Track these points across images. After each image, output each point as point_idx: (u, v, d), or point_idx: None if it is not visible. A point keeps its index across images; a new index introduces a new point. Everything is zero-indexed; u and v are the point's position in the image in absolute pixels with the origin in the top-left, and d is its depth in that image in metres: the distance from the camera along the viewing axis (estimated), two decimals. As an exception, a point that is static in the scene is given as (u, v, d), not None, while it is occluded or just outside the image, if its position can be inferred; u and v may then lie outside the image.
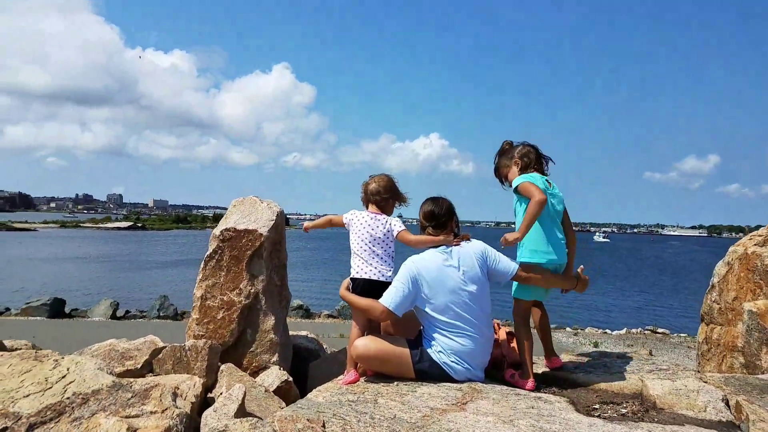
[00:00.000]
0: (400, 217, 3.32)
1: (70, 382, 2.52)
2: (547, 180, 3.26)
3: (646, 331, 16.00)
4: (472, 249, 3.08)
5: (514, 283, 3.22)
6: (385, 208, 3.22)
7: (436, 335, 2.98)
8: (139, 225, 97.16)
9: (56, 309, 12.96)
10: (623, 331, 15.95)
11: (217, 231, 3.67)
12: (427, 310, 2.97)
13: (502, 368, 3.33)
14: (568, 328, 16.38)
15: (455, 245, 3.07)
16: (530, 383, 3.07)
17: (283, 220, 3.94)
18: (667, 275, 45.27)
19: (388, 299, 2.91)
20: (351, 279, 3.14)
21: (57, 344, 8.43)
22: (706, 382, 3.15)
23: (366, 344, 2.96)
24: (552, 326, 17.23)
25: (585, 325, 17.27)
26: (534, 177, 3.20)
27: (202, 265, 3.65)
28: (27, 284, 23.49)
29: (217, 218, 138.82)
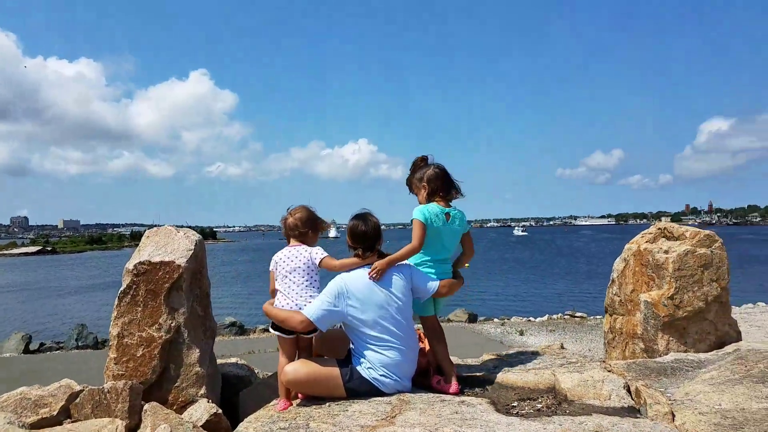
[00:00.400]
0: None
1: (-23, 444, 2.37)
2: (446, 213, 3.40)
3: (565, 317, 16.92)
4: (396, 265, 3.20)
5: (417, 304, 3.35)
6: (305, 240, 3.25)
7: (365, 351, 3.06)
8: (49, 249, 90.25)
9: (-40, 347, 11.88)
10: (545, 318, 16.80)
11: (129, 265, 3.55)
12: (355, 325, 3.05)
13: (428, 375, 3.47)
14: (495, 319, 17.03)
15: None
16: (454, 387, 3.23)
17: (202, 249, 3.86)
18: (582, 262, 48.09)
19: (310, 310, 2.97)
20: None
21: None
22: (610, 371, 3.45)
23: (296, 369, 2.99)
24: (481, 318, 17.79)
25: (511, 315, 18.02)
26: (430, 211, 3.34)
27: (116, 302, 3.51)
28: None
29: (134, 236, 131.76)
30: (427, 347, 3.61)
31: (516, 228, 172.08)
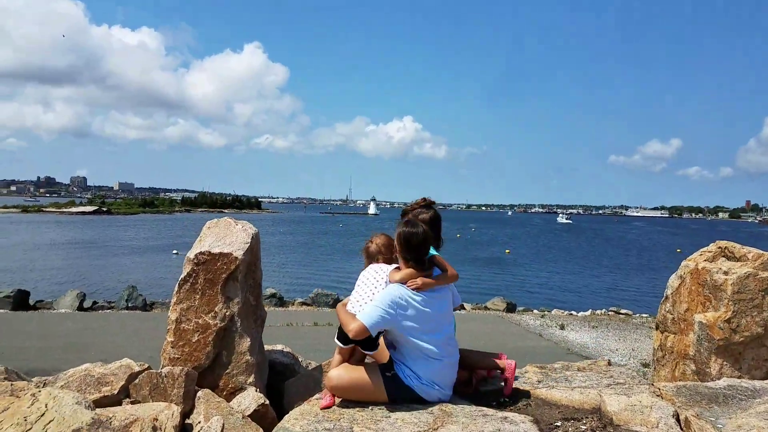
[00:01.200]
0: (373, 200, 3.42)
1: (50, 421, 2.55)
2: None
3: (609, 312, 16.50)
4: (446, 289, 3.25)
5: None
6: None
7: (410, 360, 3.10)
8: (105, 209, 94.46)
9: (20, 301, 12.62)
10: (588, 313, 16.38)
11: (191, 254, 3.70)
12: (405, 335, 3.06)
13: (470, 384, 3.50)
14: (535, 311, 16.76)
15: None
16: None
17: (258, 242, 3.98)
18: (632, 255, 46.72)
19: (366, 317, 2.96)
20: None
21: (23, 339, 8.35)
22: (659, 396, 3.38)
23: (339, 375, 3.06)
24: (520, 308, 17.56)
25: (552, 307, 17.74)
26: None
27: (176, 288, 3.68)
28: (-12, 274, 22.83)
29: (185, 202, 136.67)
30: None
31: (561, 215, 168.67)
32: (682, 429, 2.99)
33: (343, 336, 3.11)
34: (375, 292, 3.14)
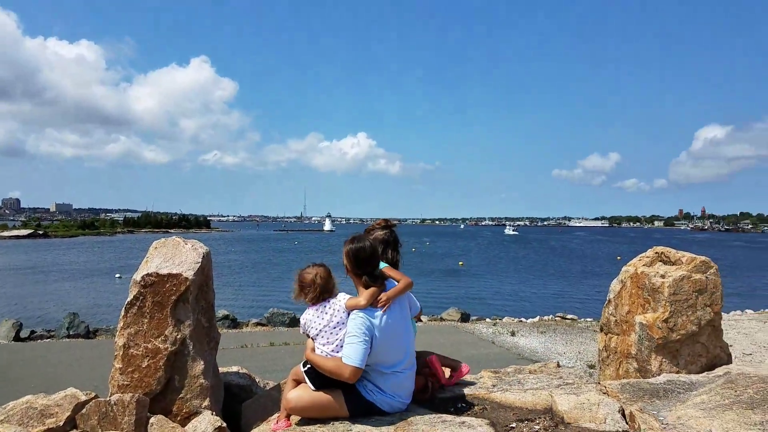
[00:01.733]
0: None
1: (-10, 458, 2.42)
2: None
3: (556, 318, 17.01)
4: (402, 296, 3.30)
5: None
6: (328, 295, 3.24)
7: (371, 375, 3.12)
8: (41, 232, 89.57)
9: (-51, 334, 11.81)
10: (536, 319, 16.86)
11: (137, 276, 3.59)
12: (372, 354, 3.03)
13: (426, 391, 3.55)
14: (487, 319, 17.11)
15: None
16: (465, 367, 3.62)
17: (209, 261, 3.91)
18: (576, 263, 48.46)
19: (355, 357, 2.91)
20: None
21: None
22: (606, 394, 3.54)
23: (299, 395, 3.03)
24: (473, 318, 17.86)
25: (503, 315, 18.13)
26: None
27: (122, 312, 3.56)
28: None
29: (128, 222, 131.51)
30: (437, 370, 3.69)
31: (508, 227, 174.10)
32: (627, 423, 3.15)
33: (318, 380, 3.05)
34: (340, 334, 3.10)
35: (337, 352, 3.02)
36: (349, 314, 3.09)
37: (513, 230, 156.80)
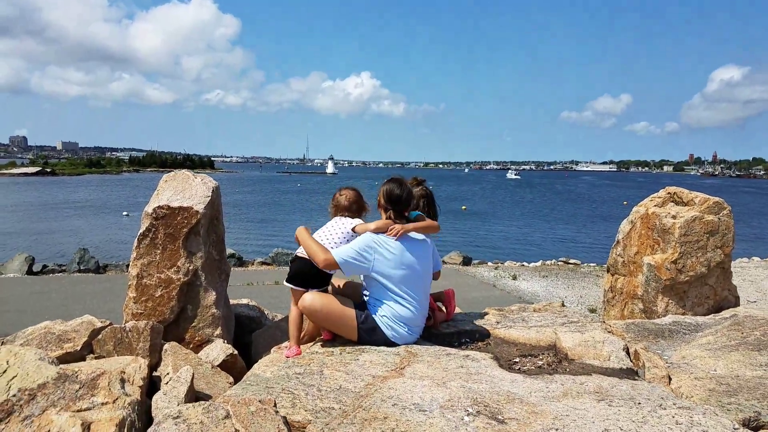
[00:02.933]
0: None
1: (13, 377, 2.50)
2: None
3: (559, 263, 17.12)
4: (427, 240, 3.40)
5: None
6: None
7: (384, 302, 3.20)
8: (49, 170, 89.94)
9: (-35, 266, 12.08)
10: (539, 264, 16.94)
11: (149, 209, 3.60)
12: (381, 280, 3.17)
13: (430, 319, 3.67)
14: (489, 263, 17.22)
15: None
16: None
17: (218, 196, 3.90)
18: (582, 208, 48.44)
19: (339, 253, 3.07)
20: (290, 260, 3.29)
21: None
22: (610, 332, 3.59)
23: (313, 298, 3.12)
24: (475, 261, 18.00)
25: (505, 259, 18.27)
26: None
27: (135, 243, 3.59)
28: (-75, 241, 21.61)
29: (133, 161, 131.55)
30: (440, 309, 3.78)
31: (510, 171, 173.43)
32: (632, 361, 3.20)
33: (298, 279, 3.19)
34: (337, 240, 3.21)
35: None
36: (345, 234, 3.27)
37: (515, 174, 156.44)
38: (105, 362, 2.92)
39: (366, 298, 3.33)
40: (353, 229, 3.28)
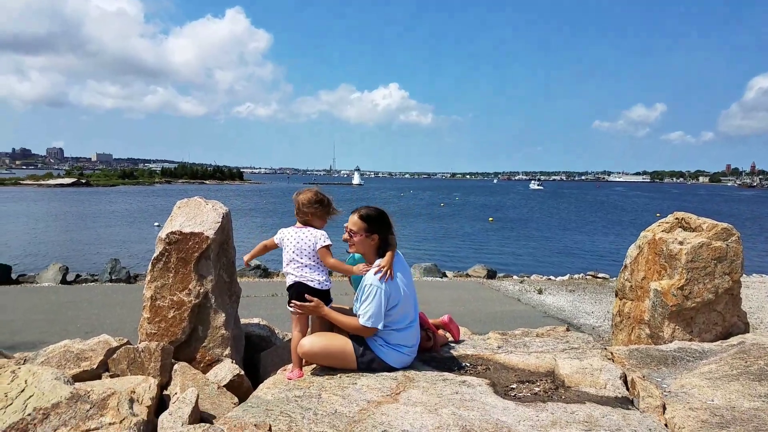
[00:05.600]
0: None
1: (30, 396, 2.68)
2: None
3: (587, 277, 16.81)
4: (402, 258, 3.46)
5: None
6: (311, 222, 3.44)
7: (383, 332, 3.29)
8: (83, 181, 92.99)
9: (2, 275, 12.59)
10: (566, 277, 16.64)
11: (162, 234, 3.79)
12: (387, 317, 3.25)
13: (430, 340, 3.74)
14: (515, 276, 17.01)
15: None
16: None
17: (229, 221, 4.08)
18: (612, 221, 47.56)
19: (368, 318, 3.19)
20: (287, 289, 3.39)
21: (7, 313, 8.42)
22: (611, 359, 3.61)
23: (312, 342, 3.24)
24: (500, 275, 17.78)
25: (531, 273, 18.06)
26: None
27: (149, 267, 3.79)
28: (-35, 250, 22.57)
29: (165, 173, 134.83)
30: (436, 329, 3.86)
31: (532, 182, 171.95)
32: (628, 389, 3.22)
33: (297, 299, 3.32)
34: (306, 255, 3.32)
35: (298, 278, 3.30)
36: (313, 248, 3.34)
37: (538, 185, 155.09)
38: (117, 381, 3.10)
39: None
40: (317, 249, 3.32)
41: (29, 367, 2.94)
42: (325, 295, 3.35)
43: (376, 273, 3.21)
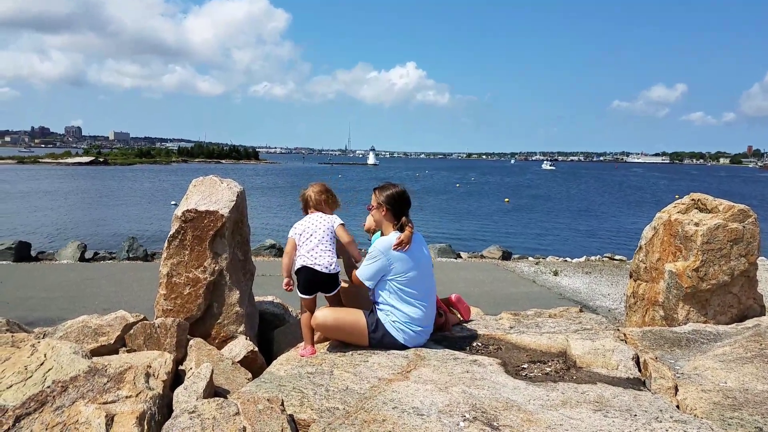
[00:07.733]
0: None
1: (49, 370, 2.75)
2: None
3: (603, 259, 16.66)
4: (421, 235, 3.48)
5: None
6: (323, 209, 3.55)
7: (395, 307, 3.31)
8: (101, 160, 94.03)
9: (22, 253, 12.83)
10: (582, 259, 16.49)
11: (178, 212, 3.84)
12: (393, 283, 3.30)
13: (442, 316, 3.76)
14: (530, 258, 16.90)
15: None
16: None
17: (243, 200, 4.11)
18: (628, 202, 47.00)
19: (368, 279, 3.30)
20: (295, 272, 3.42)
21: (27, 290, 8.63)
22: (623, 341, 3.60)
23: (324, 315, 3.28)
24: (515, 256, 17.69)
25: (547, 254, 17.95)
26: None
27: (165, 244, 3.84)
28: (-14, 227, 23.05)
29: (182, 152, 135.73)
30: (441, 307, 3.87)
31: (545, 162, 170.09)
32: (640, 371, 3.21)
33: (309, 288, 3.36)
34: (320, 237, 3.37)
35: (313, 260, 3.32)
36: (329, 229, 3.43)
37: (550, 165, 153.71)
38: (134, 356, 3.16)
39: (377, 306, 3.43)
40: (336, 229, 3.43)
41: (48, 341, 3.01)
42: (333, 279, 3.38)
43: (395, 244, 3.25)
